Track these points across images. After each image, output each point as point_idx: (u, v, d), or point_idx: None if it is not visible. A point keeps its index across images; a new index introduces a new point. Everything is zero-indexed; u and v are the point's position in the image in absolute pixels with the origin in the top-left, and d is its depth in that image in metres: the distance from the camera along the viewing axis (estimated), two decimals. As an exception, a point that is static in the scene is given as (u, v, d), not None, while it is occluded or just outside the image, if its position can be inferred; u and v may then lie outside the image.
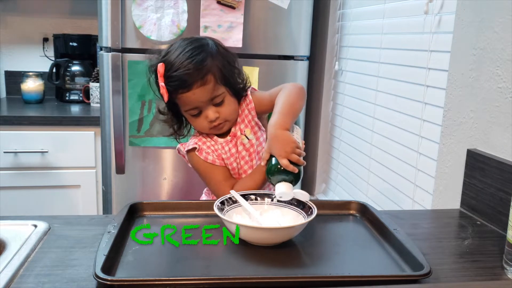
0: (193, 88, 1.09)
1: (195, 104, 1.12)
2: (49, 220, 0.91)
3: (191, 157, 1.20)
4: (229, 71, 1.15)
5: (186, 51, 1.10)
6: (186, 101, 1.12)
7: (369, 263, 0.80)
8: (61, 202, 2.11)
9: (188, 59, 1.09)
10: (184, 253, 0.81)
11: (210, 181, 1.18)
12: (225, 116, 1.15)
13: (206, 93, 1.10)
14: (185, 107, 1.14)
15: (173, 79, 1.09)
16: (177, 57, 1.09)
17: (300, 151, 1.01)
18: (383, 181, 1.57)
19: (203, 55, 1.10)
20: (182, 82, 1.08)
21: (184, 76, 1.08)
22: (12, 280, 0.69)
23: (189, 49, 1.11)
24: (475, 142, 1.05)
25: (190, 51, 1.10)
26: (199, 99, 1.11)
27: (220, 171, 1.17)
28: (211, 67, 1.10)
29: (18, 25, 2.55)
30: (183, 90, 1.09)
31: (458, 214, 1.05)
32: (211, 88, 1.10)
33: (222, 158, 1.18)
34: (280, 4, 1.86)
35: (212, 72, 1.10)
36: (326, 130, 2.12)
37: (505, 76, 0.96)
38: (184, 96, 1.10)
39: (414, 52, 1.39)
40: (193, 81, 1.08)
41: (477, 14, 1.05)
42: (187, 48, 1.11)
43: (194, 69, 1.08)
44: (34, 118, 2.05)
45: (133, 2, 1.75)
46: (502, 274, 0.76)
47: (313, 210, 0.89)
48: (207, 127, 1.15)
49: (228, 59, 1.16)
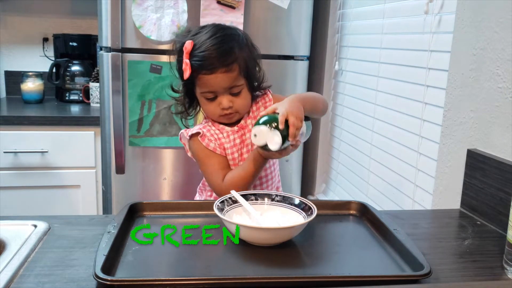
0: (217, 72, 1.10)
1: (214, 88, 1.13)
2: (49, 220, 0.91)
3: (192, 142, 1.20)
4: (252, 66, 1.18)
5: (217, 35, 1.12)
6: (205, 83, 1.12)
7: (369, 263, 0.80)
8: (61, 202, 2.11)
9: (218, 44, 1.11)
10: (184, 253, 0.81)
11: (206, 168, 1.18)
12: (238, 108, 1.16)
13: (227, 80, 1.12)
14: (202, 89, 1.14)
15: (199, 58, 1.10)
16: (208, 39, 1.11)
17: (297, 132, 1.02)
18: (383, 181, 1.57)
19: (232, 44, 1.13)
20: (207, 63, 1.09)
21: (211, 59, 1.09)
22: (12, 280, 0.69)
23: (221, 34, 1.13)
24: (475, 142, 1.05)
25: (222, 37, 1.13)
26: (219, 84, 1.12)
27: (218, 160, 1.17)
28: (237, 57, 1.12)
29: (18, 25, 2.55)
30: (207, 72, 1.10)
31: (458, 214, 1.05)
32: (233, 77, 1.12)
33: (224, 147, 1.18)
34: (280, 4, 1.86)
35: (238, 62, 1.13)
36: (326, 130, 2.12)
37: (505, 76, 0.96)
38: (206, 77, 1.11)
39: (414, 52, 1.39)
40: (219, 65, 1.10)
41: (477, 14, 1.05)
42: (218, 33, 1.13)
43: (222, 54, 1.10)
44: (34, 118, 2.05)
45: (133, 2, 1.74)
46: (502, 274, 0.76)
47: (313, 210, 0.89)
48: (218, 114, 1.16)
49: (254, 54, 1.19)
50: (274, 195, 0.97)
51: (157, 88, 1.82)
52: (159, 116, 1.85)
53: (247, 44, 1.17)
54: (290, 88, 1.95)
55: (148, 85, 1.82)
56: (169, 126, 1.86)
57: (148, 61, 1.80)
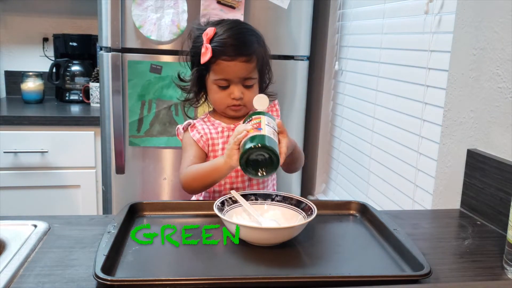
0: (237, 60, 1.12)
1: (230, 75, 1.13)
2: (49, 220, 0.91)
3: (185, 135, 1.22)
4: (266, 64, 1.21)
5: (240, 27, 1.17)
6: (223, 70, 1.13)
7: (369, 263, 0.80)
8: (61, 202, 2.11)
9: (241, 34, 1.15)
10: (184, 253, 0.81)
11: (183, 155, 1.20)
12: (247, 101, 1.16)
13: (245, 70, 1.13)
14: (217, 75, 1.14)
15: (221, 44, 1.11)
16: (231, 29, 1.14)
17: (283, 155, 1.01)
18: (383, 181, 1.57)
19: (253, 38, 1.16)
20: (230, 50, 1.11)
21: (233, 46, 1.11)
22: (12, 280, 0.69)
23: (243, 27, 1.18)
24: (475, 142, 1.05)
25: (243, 29, 1.17)
26: (237, 72, 1.13)
27: (195, 150, 1.18)
28: (257, 50, 1.15)
29: (18, 25, 2.55)
30: (227, 58, 1.11)
31: (458, 214, 1.05)
32: (251, 68, 1.14)
33: (212, 143, 1.18)
34: (280, 4, 1.86)
35: (257, 55, 1.15)
36: (326, 130, 2.12)
37: (505, 76, 0.96)
38: (225, 64, 1.12)
39: (414, 52, 1.39)
40: (240, 53, 1.12)
41: (477, 14, 1.05)
42: (240, 26, 1.18)
43: (244, 44, 1.13)
44: (34, 118, 2.05)
45: (133, 2, 1.74)
46: (502, 274, 0.76)
47: (313, 210, 0.89)
48: (226, 104, 1.17)
49: (268, 54, 1.21)
50: (274, 195, 0.97)
51: (157, 88, 1.82)
52: (159, 116, 1.85)
53: (264, 43, 1.20)
54: (290, 88, 1.95)
55: (148, 85, 1.82)
56: (169, 126, 1.86)
57: (148, 61, 1.80)
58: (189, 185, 1.12)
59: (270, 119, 1.03)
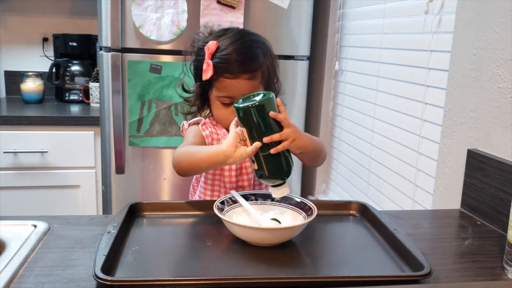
0: (240, 77, 1.06)
1: (233, 93, 1.07)
2: (49, 220, 0.91)
3: (189, 127, 1.16)
4: (272, 75, 1.14)
5: (244, 40, 1.09)
6: (226, 87, 1.07)
7: (369, 263, 0.80)
8: (61, 202, 2.11)
9: (245, 49, 1.07)
10: (184, 253, 0.81)
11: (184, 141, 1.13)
12: None
13: (249, 87, 1.07)
14: (221, 92, 1.08)
15: (223, 60, 1.05)
16: (234, 42, 1.07)
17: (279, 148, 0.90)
18: (383, 181, 1.57)
19: (258, 51, 1.09)
20: (232, 67, 1.05)
21: (236, 63, 1.05)
22: (12, 280, 0.69)
23: (247, 39, 1.09)
24: (475, 142, 1.05)
25: (248, 42, 1.09)
26: (240, 90, 1.06)
27: (199, 139, 1.12)
28: (262, 64, 1.09)
29: (18, 25, 2.55)
30: (230, 76, 1.06)
31: (459, 214, 1.05)
32: (255, 85, 1.08)
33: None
34: (280, 4, 1.86)
35: (262, 70, 1.09)
36: (326, 130, 2.12)
37: (505, 76, 0.96)
38: (227, 82, 1.06)
39: (414, 52, 1.39)
40: (244, 71, 1.05)
41: (477, 14, 1.05)
42: (244, 38, 1.09)
43: (248, 60, 1.06)
44: (33, 118, 2.05)
45: (133, 2, 1.74)
46: (502, 274, 0.76)
47: (313, 210, 0.89)
48: (230, 120, 1.06)
49: (275, 63, 1.15)
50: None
51: (157, 88, 1.82)
52: (159, 116, 1.84)
53: (270, 52, 1.14)
54: (290, 88, 1.94)
55: (148, 85, 1.82)
56: (169, 126, 1.86)
57: (148, 61, 1.80)
58: (180, 165, 1.04)
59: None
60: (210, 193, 1.19)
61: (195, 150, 1.02)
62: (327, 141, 2.12)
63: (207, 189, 1.19)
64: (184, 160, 1.03)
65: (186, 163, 1.03)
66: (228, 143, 0.92)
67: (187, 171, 1.06)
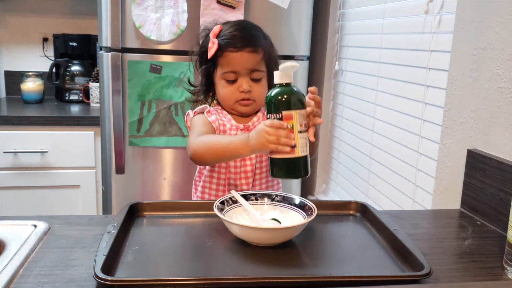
0: (243, 50, 1.13)
1: (237, 67, 1.14)
2: (49, 220, 0.91)
3: (195, 116, 1.19)
4: (273, 61, 1.20)
5: (246, 23, 1.22)
6: (230, 62, 1.13)
7: (369, 263, 0.80)
8: (61, 202, 2.11)
9: (246, 28, 1.17)
10: (184, 253, 0.81)
11: (193, 130, 1.15)
12: (256, 95, 1.16)
13: (252, 61, 1.14)
14: (225, 68, 1.15)
15: (227, 36, 1.13)
16: (238, 23, 1.18)
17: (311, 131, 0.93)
18: (383, 181, 1.57)
19: (258, 33, 1.19)
20: (235, 41, 1.12)
21: (239, 38, 1.13)
22: (12, 280, 0.69)
23: (249, 23, 1.22)
24: (475, 142, 1.05)
25: (250, 24, 1.21)
26: (244, 63, 1.13)
27: (208, 128, 1.15)
28: (263, 44, 1.17)
29: (18, 25, 2.55)
30: (233, 49, 1.12)
31: (458, 214, 1.05)
32: (258, 59, 1.15)
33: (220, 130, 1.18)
34: (280, 4, 1.86)
35: (263, 48, 1.16)
36: (326, 130, 2.12)
37: (506, 76, 0.96)
38: (231, 55, 1.13)
39: (414, 52, 1.39)
40: (246, 44, 1.13)
41: (477, 14, 1.05)
42: (246, 22, 1.23)
43: (249, 36, 1.15)
44: (34, 118, 2.05)
45: (133, 2, 1.74)
46: (502, 274, 0.76)
47: (313, 210, 0.89)
48: (235, 98, 1.16)
49: (275, 52, 1.23)
50: (274, 195, 0.97)
51: (157, 88, 1.82)
52: (159, 116, 1.85)
53: (270, 42, 1.22)
54: (290, 88, 1.94)
55: (148, 85, 1.82)
56: (169, 126, 1.86)
57: (148, 61, 1.80)
58: (200, 154, 1.07)
59: (300, 113, 0.90)
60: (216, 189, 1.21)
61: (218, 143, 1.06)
62: (327, 141, 2.12)
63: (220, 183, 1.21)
64: (207, 154, 1.07)
65: (211, 157, 1.08)
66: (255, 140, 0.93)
67: (209, 163, 1.14)
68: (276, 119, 0.90)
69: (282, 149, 0.89)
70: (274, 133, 0.89)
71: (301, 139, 0.90)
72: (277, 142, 0.89)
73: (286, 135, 0.88)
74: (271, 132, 0.89)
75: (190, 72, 1.82)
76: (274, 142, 0.89)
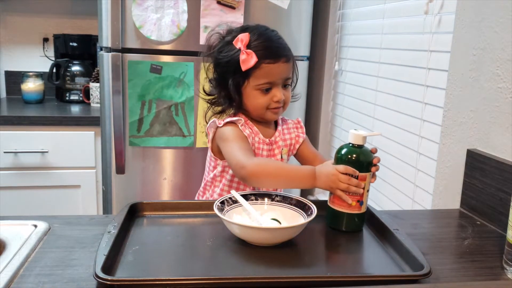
0: (280, 61, 1.12)
1: (274, 78, 1.12)
2: (49, 220, 0.91)
3: (226, 126, 1.14)
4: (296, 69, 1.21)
5: (270, 30, 1.17)
6: (267, 73, 1.11)
7: (369, 263, 0.80)
8: (61, 202, 2.11)
9: (276, 37, 1.16)
10: (184, 253, 0.81)
11: (235, 145, 1.10)
12: (287, 100, 1.17)
13: (287, 70, 1.14)
14: (261, 80, 1.11)
15: (262, 47, 1.11)
16: (265, 32, 1.15)
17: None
18: (383, 181, 1.57)
19: (284, 40, 1.18)
20: (273, 52, 1.11)
21: (275, 48, 1.12)
22: (12, 280, 0.69)
23: (272, 30, 1.18)
24: (475, 142, 1.05)
25: (274, 32, 1.18)
26: (280, 74, 1.12)
27: (247, 143, 1.12)
28: (291, 51, 1.17)
29: (18, 25, 2.55)
30: (270, 61, 1.11)
31: (458, 214, 1.05)
32: (290, 68, 1.15)
33: (253, 145, 1.16)
34: (280, 4, 1.86)
35: (292, 56, 1.17)
36: (326, 130, 2.12)
37: (505, 76, 0.96)
38: (269, 67, 1.11)
39: (414, 52, 1.39)
40: (282, 54, 1.12)
41: (477, 14, 1.05)
42: (269, 29, 1.17)
43: (283, 45, 1.15)
44: (34, 118, 2.05)
45: (133, 2, 1.75)
46: (502, 274, 0.76)
47: (313, 210, 0.89)
48: (267, 106, 1.14)
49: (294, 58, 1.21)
50: (274, 195, 0.97)
51: (157, 88, 1.83)
52: (159, 116, 1.85)
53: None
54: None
55: (148, 85, 1.82)
56: (169, 126, 1.86)
57: (148, 61, 1.80)
58: (259, 178, 1.02)
59: (370, 175, 0.96)
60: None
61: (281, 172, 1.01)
62: (327, 141, 2.12)
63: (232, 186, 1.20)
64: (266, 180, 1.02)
65: (271, 183, 1.04)
66: (323, 180, 0.94)
67: (266, 187, 1.10)
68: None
69: (346, 199, 0.91)
70: (346, 181, 0.91)
71: (367, 197, 0.94)
72: (347, 190, 0.91)
73: (357, 186, 0.91)
74: (344, 180, 0.91)
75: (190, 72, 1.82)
76: (343, 189, 0.91)
